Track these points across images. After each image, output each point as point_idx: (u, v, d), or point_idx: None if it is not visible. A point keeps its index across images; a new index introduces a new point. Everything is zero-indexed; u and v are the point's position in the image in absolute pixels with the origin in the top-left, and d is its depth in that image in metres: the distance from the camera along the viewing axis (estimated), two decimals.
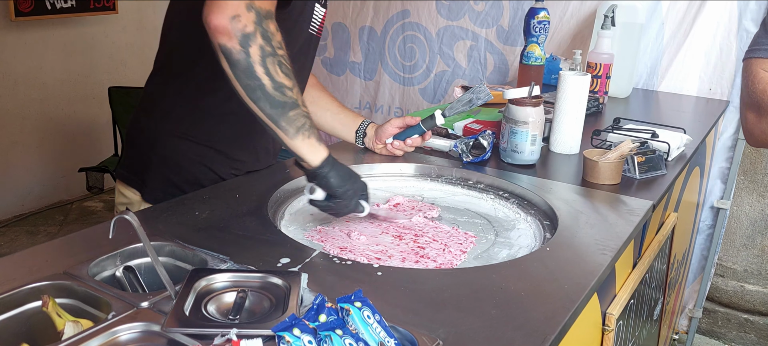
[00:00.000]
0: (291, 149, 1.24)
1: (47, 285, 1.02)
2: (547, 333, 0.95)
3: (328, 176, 1.25)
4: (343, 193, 1.28)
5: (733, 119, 2.69)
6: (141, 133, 1.55)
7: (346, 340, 0.84)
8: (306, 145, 1.23)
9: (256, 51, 1.13)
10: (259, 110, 1.18)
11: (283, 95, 1.18)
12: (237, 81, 1.15)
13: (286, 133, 1.21)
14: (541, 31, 2.25)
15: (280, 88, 1.17)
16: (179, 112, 1.49)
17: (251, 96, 1.16)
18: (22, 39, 4.08)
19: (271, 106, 1.17)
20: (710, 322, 3.12)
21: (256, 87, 1.15)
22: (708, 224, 2.88)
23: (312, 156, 1.24)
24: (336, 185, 1.26)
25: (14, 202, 4.24)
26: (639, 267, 1.56)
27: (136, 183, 1.54)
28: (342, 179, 1.27)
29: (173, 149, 1.49)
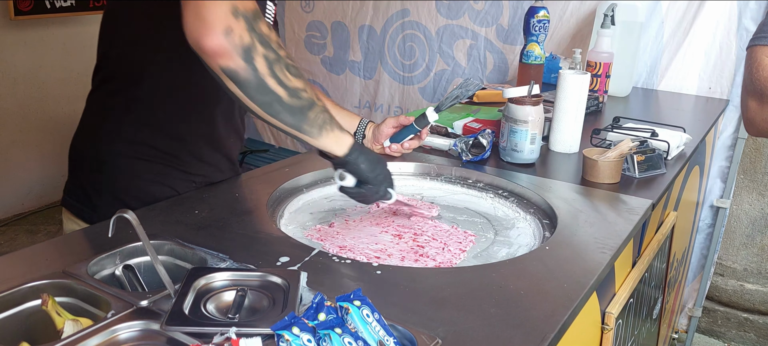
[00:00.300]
0: (317, 148, 1.20)
1: (47, 284, 1.02)
2: (547, 332, 0.95)
3: (358, 161, 1.22)
4: (374, 177, 1.25)
5: (732, 118, 2.69)
6: (86, 159, 1.44)
7: (345, 339, 0.84)
8: (331, 139, 1.18)
9: (261, 63, 1.05)
10: (279, 122, 1.11)
11: (300, 99, 1.11)
12: (250, 100, 1.06)
13: (310, 136, 1.16)
14: (541, 30, 2.25)
15: (295, 93, 1.10)
16: (128, 131, 1.38)
17: (269, 111, 1.09)
18: (22, 38, 4.08)
19: (291, 114, 1.11)
20: (710, 321, 3.12)
21: (273, 101, 1.08)
22: (708, 223, 2.88)
23: (338, 147, 1.20)
24: (366, 169, 1.23)
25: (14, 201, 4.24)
26: (638, 266, 1.56)
27: (85, 213, 1.42)
28: (371, 163, 1.24)
29: (125, 170, 1.39)
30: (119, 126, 1.38)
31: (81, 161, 1.46)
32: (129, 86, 1.37)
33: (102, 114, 1.42)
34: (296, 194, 1.54)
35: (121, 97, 1.38)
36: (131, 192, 1.40)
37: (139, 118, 1.38)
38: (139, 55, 1.33)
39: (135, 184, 1.40)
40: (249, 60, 1.03)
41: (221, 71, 1.04)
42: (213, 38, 1.00)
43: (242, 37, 1.02)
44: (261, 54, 1.05)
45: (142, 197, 1.39)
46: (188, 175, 1.45)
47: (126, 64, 1.37)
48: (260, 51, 1.04)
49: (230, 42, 1.01)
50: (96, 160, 1.41)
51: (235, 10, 1.01)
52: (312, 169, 1.61)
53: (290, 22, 3.92)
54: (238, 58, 1.02)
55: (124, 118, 1.38)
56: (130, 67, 1.36)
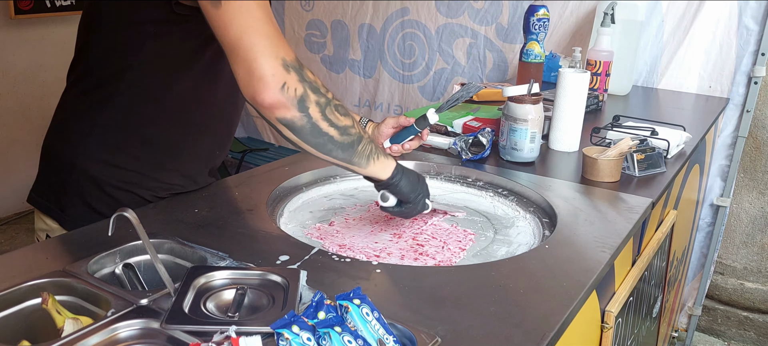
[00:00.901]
0: (365, 176, 1.27)
1: (47, 282, 1.02)
2: (546, 331, 0.95)
3: (400, 184, 1.27)
4: (414, 198, 1.30)
5: (732, 117, 2.69)
6: (56, 158, 1.42)
7: (344, 337, 0.84)
8: (378, 166, 1.24)
9: (315, 110, 1.10)
10: (331, 159, 1.18)
11: (350, 136, 1.17)
12: (305, 143, 1.13)
13: (359, 166, 1.22)
14: (541, 28, 2.25)
15: (345, 131, 1.16)
16: (99, 134, 1.36)
17: (322, 150, 1.15)
18: (22, 37, 4.08)
19: (343, 150, 1.17)
20: (710, 320, 3.12)
21: (326, 142, 1.14)
22: (707, 222, 2.88)
23: (383, 173, 1.26)
24: (408, 191, 1.29)
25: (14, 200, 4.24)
26: (638, 265, 1.56)
27: (53, 211, 1.41)
28: (412, 185, 1.30)
29: (94, 175, 1.36)
30: (91, 128, 1.36)
31: (51, 159, 1.44)
32: (103, 87, 1.35)
33: (75, 114, 1.40)
34: (296, 192, 1.54)
35: (95, 97, 1.36)
36: (98, 197, 1.37)
37: (112, 121, 1.35)
38: (118, 56, 1.31)
39: (103, 189, 1.37)
40: (303, 109, 1.09)
41: (278, 122, 1.09)
42: (270, 94, 1.05)
43: (296, 90, 1.07)
44: (313, 101, 1.10)
45: (109, 203, 1.36)
46: (158, 183, 1.41)
47: (103, 64, 1.35)
48: (313, 99, 1.10)
49: (286, 96, 1.06)
50: (66, 160, 1.39)
51: (285, 63, 1.06)
52: (312, 168, 1.61)
53: (290, 21, 3.92)
54: (294, 110, 1.08)
55: (97, 120, 1.36)
56: (107, 67, 1.34)
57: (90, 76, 1.37)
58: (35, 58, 4.18)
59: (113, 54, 1.32)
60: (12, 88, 4.11)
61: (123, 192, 1.38)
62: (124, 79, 1.32)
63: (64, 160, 1.39)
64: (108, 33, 1.33)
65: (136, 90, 1.33)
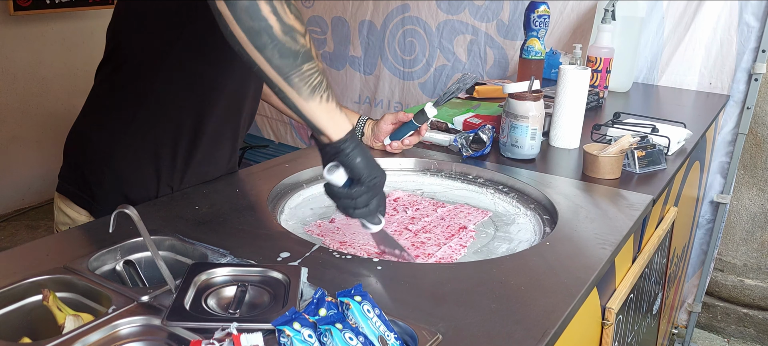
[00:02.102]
0: (306, 117, 1.05)
1: (48, 279, 1.02)
2: (547, 327, 0.95)
3: (355, 152, 1.07)
4: (368, 179, 1.09)
5: (733, 114, 2.69)
6: (91, 146, 1.42)
7: (345, 334, 0.84)
8: (323, 110, 1.04)
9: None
10: (264, 61, 0.98)
11: (295, 42, 0.98)
12: (237, 23, 0.95)
13: (300, 93, 1.01)
14: (541, 25, 2.25)
15: (290, 32, 0.98)
16: (139, 126, 1.37)
17: (255, 42, 0.96)
18: (21, 33, 4.08)
19: (281, 55, 0.98)
20: (709, 316, 3.12)
21: (262, 30, 0.95)
22: (708, 219, 2.89)
23: (332, 126, 1.06)
24: (363, 165, 1.08)
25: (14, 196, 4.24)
26: (638, 261, 1.56)
27: (85, 201, 1.42)
28: (369, 160, 1.09)
29: (132, 166, 1.38)
30: (130, 119, 1.38)
31: (83, 149, 1.44)
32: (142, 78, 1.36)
33: (112, 104, 1.41)
34: (297, 189, 1.54)
35: (133, 88, 1.37)
36: (133, 187, 1.40)
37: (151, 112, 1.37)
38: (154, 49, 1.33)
39: (139, 180, 1.40)
40: None
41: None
42: None
43: None
44: None
45: (143, 194, 1.40)
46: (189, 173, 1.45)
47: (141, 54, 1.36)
48: None
49: None
50: (102, 150, 1.40)
51: None
52: (312, 165, 1.61)
53: None
54: None
55: (136, 112, 1.37)
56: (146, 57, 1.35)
57: (127, 69, 1.38)
58: (34, 55, 4.18)
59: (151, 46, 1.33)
60: (11, 85, 4.11)
61: (157, 181, 1.41)
62: (163, 71, 1.33)
63: (101, 149, 1.40)
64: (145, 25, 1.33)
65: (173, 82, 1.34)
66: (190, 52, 1.32)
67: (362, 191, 1.10)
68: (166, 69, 1.34)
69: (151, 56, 1.34)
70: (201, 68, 1.35)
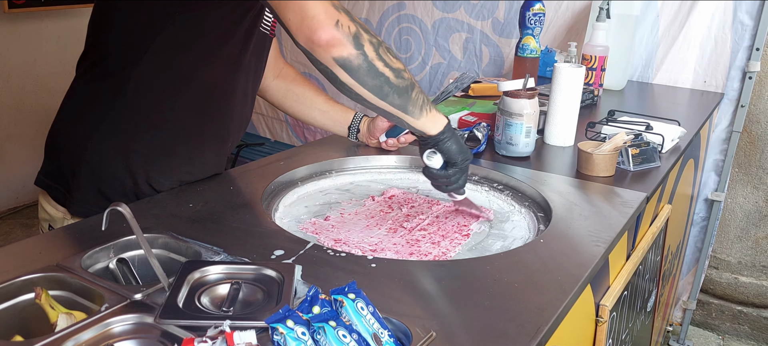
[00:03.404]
0: (414, 129, 1.22)
1: (40, 277, 1.02)
2: (541, 324, 0.96)
3: (449, 142, 1.24)
4: (461, 161, 1.27)
5: (727, 112, 2.70)
6: (67, 142, 1.40)
7: (339, 331, 0.84)
8: (430, 119, 1.21)
9: (369, 48, 1.09)
10: (387, 105, 1.14)
11: (404, 80, 1.14)
12: (361, 86, 1.10)
13: (413, 116, 1.18)
14: (537, 23, 2.25)
15: (399, 74, 1.13)
16: (113, 120, 1.35)
17: (379, 94, 1.12)
18: (16, 31, 4.06)
19: (399, 95, 1.14)
20: (704, 314, 3.13)
21: (383, 83, 1.11)
22: (702, 216, 2.89)
23: (433, 126, 1.22)
24: (456, 151, 1.26)
25: (9, 195, 4.23)
26: (633, 259, 1.56)
27: (62, 195, 1.41)
28: (461, 146, 1.27)
29: (105, 159, 1.36)
30: (106, 113, 1.36)
31: (61, 144, 1.43)
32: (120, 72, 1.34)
33: (87, 99, 1.39)
34: (291, 187, 1.54)
35: (109, 83, 1.35)
36: (108, 182, 1.38)
37: (127, 106, 1.35)
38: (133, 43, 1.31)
39: (113, 174, 1.37)
40: (359, 46, 1.08)
41: (334, 62, 1.07)
42: (326, 31, 1.05)
43: (350, 27, 1.07)
44: (367, 40, 1.09)
45: (118, 189, 1.37)
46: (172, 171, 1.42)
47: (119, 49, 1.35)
48: (366, 37, 1.09)
49: (341, 32, 1.06)
50: (77, 144, 1.38)
51: (334, 4, 1.06)
52: (307, 163, 1.61)
53: None
54: (351, 46, 1.07)
55: (112, 105, 1.36)
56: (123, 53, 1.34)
57: (106, 62, 1.37)
58: (29, 52, 4.16)
59: (131, 39, 1.32)
60: (6, 83, 4.09)
61: (133, 178, 1.38)
62: (142, 64, 1.32)
63: (77, 144, 1.38)
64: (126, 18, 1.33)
65: (152, 75, 1.33)
66: (167, 49, 1.31)
67: (456, 172, 1.28)
68: (143, 65, 1.32)
69: (128, 52, 1.33)
70: (177, 65, 1.33)
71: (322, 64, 1.08)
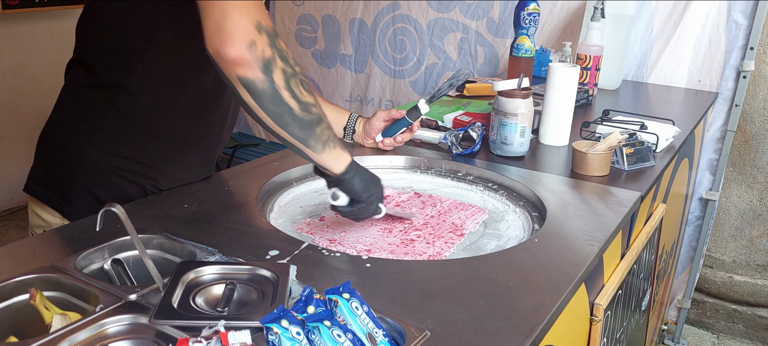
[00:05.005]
0: (316, 163, 1.21)
1: (35, 278, 1.02)
2: (535, 323, 0.96)
3: (353, 181, 1.22)
4: (367, 198, 1.24)
5: (721, 111, 2.71)
6: (61, 148, 1.39)
7: (334, 331, 0.84)
8: (332, 156, 1.19)
9: (279, 76, 1.07)
10: (287, 135, 1.13)
11: (310, 114, 1.13)
12: (262, 110, 1.09)
13: (314, 150, 1.17)
14: (531, 23, 2.25)
15: (306, 107, 1.13)
16: (110, 126, 1.35)
17: (279, 123, 1.11)
18: (11, 32, 4.05)
19: (300, 128, 1.13)
20: (699, 312, 3.14)
21: (285, 113, 1.10)
22: (697, 215, 2.90)
23: (337, 165, 1.20)
24: (360, 190, 1.23)
25: (4, 196, 4.22)
26: (627, 258, 1.57)
27: (56, 202, 1.39)
28: (365, 183, 1.24)
29: (102, 166, 1.36)
30: (101, 119, 1.35)
31: (54, 150, 1.41)
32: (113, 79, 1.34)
33: (82, 105, 1.38)
34: (286, 187, 1.54)
35: (106, 89, 1.35)
36: (105, 187, 1.37)
37: (122, 113, 1.34)
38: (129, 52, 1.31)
39: (110, 179, 1.37)
40: (268, 72, 1.06)
41: (238, 80, 1.06)
42: (235, 48, 1.03)
43: (264, 51, 1.05)
44: (280, 68, 1.08)
45: (115, 194, 1.37)
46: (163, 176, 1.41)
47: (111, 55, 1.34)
48: (279, 65, 1.08)
49: (252, 54, 1.04)
50: (73, 150, 1.37)
51: (259, 25, 1.05)
52: (302, 163, 1.61)
53: (281, 16, 3.91)
54: (258, 70, 1.05)
55: (107, 112, 1.35)
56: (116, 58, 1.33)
57: (99, 70, 1.36)
58: (24, 53, 4.15)
59: (123, 48, 1.31)
60: (0, 84, 4.08)
61: (130, 183, 1.38)
62: (136, 73, 1.31)
63: (72, 150, 1.37)
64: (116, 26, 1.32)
65: (147, 84, 1.33)
66: (158, 58, 1.30)
67: (362, 207, 1.25)
68: (135, 75, 1.32)
69: (120, 61, 1.32)
70: (169, 73, 1.33)
71: (227, 79, 1.07)
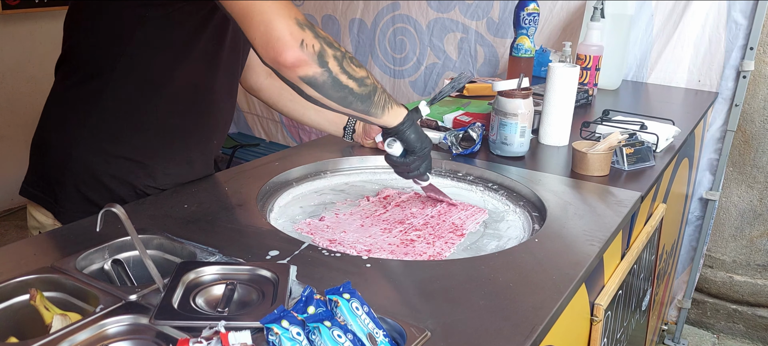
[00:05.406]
0: (377, 124, 1.29)
1: (35, 279, 1.02)
2: (535, 323, 0.96)
3: (409, 131, 1.30)
4: (420, 148, 1.33)
5: (721, 111, 2.71)
6: (50, 149, 1.40)
7: (334, 331, 0.84)
8: (391, 115, 1.27)
9: (334, 64, 1.13)
10: (351, 110, 1.21)
11: (367, 86, 1.20)
12: (327, 98, 1.15)
13: (376, 116, 1.25)
14: (531, 23, 2.25)
15: (362, 82, 1.18)
16: (95, 125, 1.34)
17: (343, 103, 1.18)
18: (11, 32, 4.05)
19: (362, 102, 1.20)
20: (699, 312, 3.14)
21: (347, 94, 1.17)
22: (697, 215, 2.90)
23: (394, 119, 1.28)
24: (415, 140, 1.32)
25: (3, 196, 4.22)
26: (627, 258, 1.57)
27: (48, 203, 1.40)
28: (420, 135, 1.33)
29: (90, 165, 1.36)
30: (86, 119, 1.35)
31: (44, 151, 1.42)
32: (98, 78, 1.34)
33: (68, 105, 1.38)
34: (286, 187, 1.54)
35: (89, 87, 1.35)
36: (94, 187, 1.37)
37: (108, 111, 1.34)
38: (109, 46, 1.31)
39: (99, 179, 1.36)
40: (324, 64, 1.11)
41: (300, 80, 1.11)
42: (292, 52, 1.07)
43: (314, 46, 1.10)
44: (331, 55, 1.12)
45: (104, 194, 1.37)
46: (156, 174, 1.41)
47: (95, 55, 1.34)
48: (330, 53, 1.12)
49: (306, 52, 1.09)
50: (61, 151, 1.37)
51: (298, 22, 1.08)
52: (302, 163, 1.61)
53: None
54: (315, 65, 1.10)
55: (92, 111, 1.35)
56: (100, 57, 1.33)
57: (82, 68, 1.36)
58: (24, 53, 4.15)
59: (105, 43, 1.31)
60: (0, 84, 4.08)
61: (119, 182, 1.38)
62: (118, 68, 1.31)
63: (60, 151, 1.38)
64: (98, 22, 1.32)
65: (130, 78, 1.33)
66: (141, 52, 1.30)
67: (415, 159, 1.35)
68: (119, 70, 1.31)
69: (103, 57, 1.32)
70: (153, 67, 1.33)
71: (289, 81, 1.12)
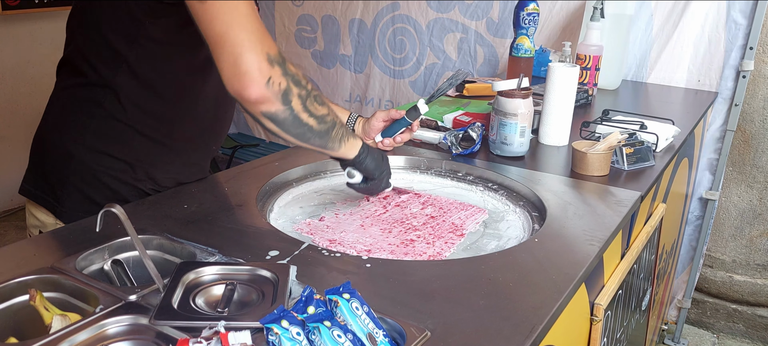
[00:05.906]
0: (334, 158, 1.33)
1: (35, 279, 1.02)
2: (535, 323, 0.96)
3: (365, 161, 1.34)
4: (378, 174, 1.38)
5: (721, 110, 2.71)
6: (52, 149, 1.40)
7: (334, 331, 0.84)
8: (347, 147, 1.31)
9: (297, 102, 1.14)
10: (309, 145, 1.23)
11: (326, 123, 1.22)
12: (286, 133, 1.17)
13: (333, 150, 1.28)
14: (531, 23, 2.25)
15: (322, 120, 1.21)
16: (97, 126, 1.35)
17: (301, 139, 1.20)
18: (11, 33, 4.05)
19: (320, 138, 1.23)
20: (699, 312, 3.14)
21: (306, 131, 1.19)
22: (696, 215, 2.90)
23: (350, 152, 1.32)
24: (373, 168, 1.36)
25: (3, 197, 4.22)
26: (627, 258, 1.57)
27: (49, 202, 1.40)
28: (377, 162, 1.37)
29: (91, 165, 1.36)
30: (89, 120, 1.36)
31: (46, 151, 1.42)
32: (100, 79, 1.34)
33: (71, 105, 1.39)
34: (286, 188, 1.54)
35: (92, 89, 1.35)
36: (96, 187, 1.37)
37: (110, 113, 1.35)
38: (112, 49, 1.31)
39: (100, 179, 1.37)
40: (287, 102, 1.12)
41: (262, 115, 1.12)
42: (256, 89, 1.07)
43: (281, 84, 1.10)
44: (296, 94, 1.14)
45: (106, 193, 1.37)
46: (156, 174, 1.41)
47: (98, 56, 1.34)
48: (295, 92, 1.14)
49: (271, 90, 1.09)
50: (63, 151, 1.37)
51: (269, 58, 1.08)
52: (301, 164, 1.61)
53: (280, 16, 3.91)
54: (279, 103, 1.11)
55: (94, 112, 1.35)
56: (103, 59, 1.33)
57: (85, 70, 1.36)
58: (24, 54, 4.15)
59: (108, 46, 1.32)
60: (0, 84, 4.08)
61: (120, 183, 1.38)
62: (120, 72, 1.32)
63: (62, 151, 1.38)
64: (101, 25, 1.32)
65: (132, 82, 1.33)
66: (143, 57, 1.30)
67: (375, 183, 1.40)
68: (121, 75, 1.32)
69: (106, 61, 1.33)
70: (155, 72, 1.33)
71: (251, 113, 1.13)
